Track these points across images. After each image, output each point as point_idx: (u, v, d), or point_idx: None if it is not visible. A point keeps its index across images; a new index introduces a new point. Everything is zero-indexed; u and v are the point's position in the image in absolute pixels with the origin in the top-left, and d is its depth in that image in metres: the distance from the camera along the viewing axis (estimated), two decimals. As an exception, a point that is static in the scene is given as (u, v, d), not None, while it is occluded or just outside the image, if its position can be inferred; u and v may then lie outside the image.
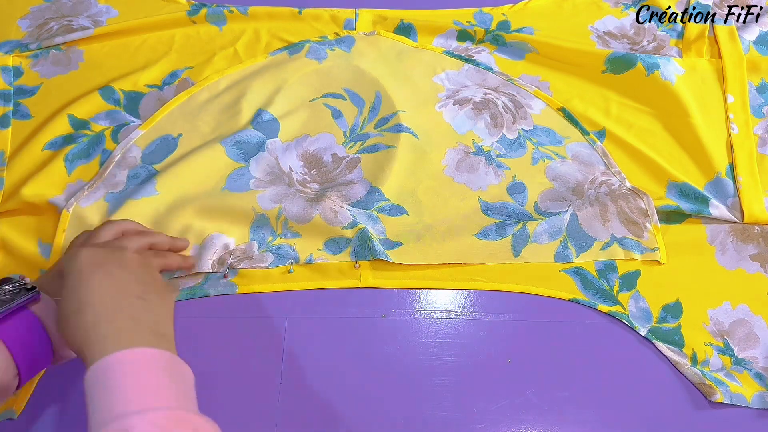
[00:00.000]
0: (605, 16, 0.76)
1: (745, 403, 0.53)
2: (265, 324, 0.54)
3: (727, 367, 0.55)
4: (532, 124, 0.67)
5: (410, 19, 0.74)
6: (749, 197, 0.62)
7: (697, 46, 0.72)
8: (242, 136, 0.63)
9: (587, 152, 0.65)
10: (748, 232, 0.61)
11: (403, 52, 0.72)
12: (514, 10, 0.76)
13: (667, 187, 0.63)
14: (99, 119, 0.66)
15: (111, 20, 0.73)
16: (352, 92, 0.68)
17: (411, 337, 0.56)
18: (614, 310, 0.57)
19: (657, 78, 0.68)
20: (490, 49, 0.73)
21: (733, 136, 0.66)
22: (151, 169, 0.62)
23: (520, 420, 0.52)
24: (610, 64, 0.70)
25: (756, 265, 0.60)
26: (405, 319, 0.56)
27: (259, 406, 0.52)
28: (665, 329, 0.56)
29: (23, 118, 0.66)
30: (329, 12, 0.75)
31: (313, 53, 0.71)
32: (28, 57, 0.70)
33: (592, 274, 0.59)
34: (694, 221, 0.62)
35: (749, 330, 0.57)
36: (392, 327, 0.56)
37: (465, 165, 0.64)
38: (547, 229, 0.60)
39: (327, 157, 0.64)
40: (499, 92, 0.69)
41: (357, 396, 0.53)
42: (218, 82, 0.69)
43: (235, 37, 0.73)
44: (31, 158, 0.62)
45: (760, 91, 0.70)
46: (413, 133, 0.65)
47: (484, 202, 0.62)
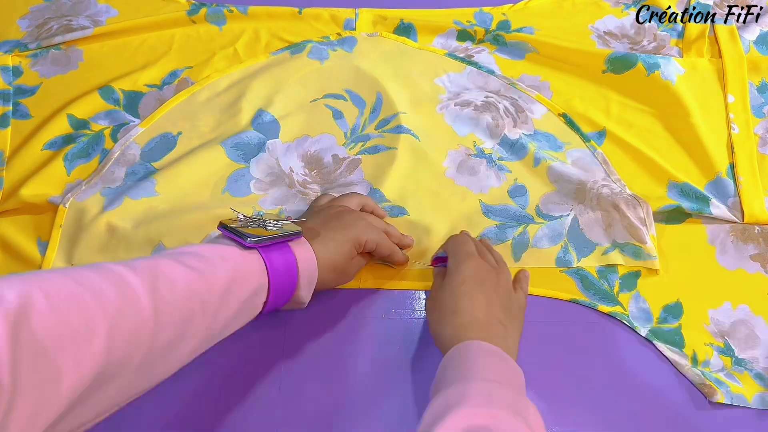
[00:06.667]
0: (605, 15, 0.76)
1: (745, 403, 0.53)
2: (265, 324, 0.54)
3: (727, 368, 0.55)
4: (532, 129, 0.67)
5: (410, 18, 0.74)
6: (750, 197, 0.62)
7: (697, 46, 0.72)
8: (242, 137, 0.63)
9: (588, 159, 0.65)
10: (749, 232, 0.61)
11: (405, 53, 0.72)
12: (514, 9, 0.76)
13: (667, 187, 0.63)
14: (98, 119, 0.66)
15: (111, 20, 0.73)
16: (353, 93, 0.68)
17: (411, 337, 0.55)
18: (614, 310, 0.57)
19: (657, 78, 0.68)
20: (491, 49, 0.73)
21: (733, 136, 0.66)
22: (149, 167, 0.62)
23: (520, 420, 0.52)
24: (610, 63, 0.70)
25: (756, 265, 0.60)
26: (405, 319, 0.56)
27: (259, 406, 0.52)
28: (666, 330, 0.56)
29: (23, 117, 0.66)
30: (329, 12, 0.75)
31: (314, 53, 0.71)
32: (27, 57, 0.70)
33: (592, 274, 0.59)
34: (695, 221, 0.62)
35: (750, 330, 0.57)
36: (392, 327, 0.56)
37: (466, 167, 0.64)
38: (547, 233, 0.60)
39: (327, 158, 0.64)
40: (500, 96, 0.69)
41: (357, 396, 0.53)
42: (219, 82, 0.69)
43: (235, 37, 0.73)
44: (30, 158, 0.62)
45: (760, 90, 0.70)
46: (414, 135, 0.65)
47: (485, 205, 0.62)
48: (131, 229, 0.57)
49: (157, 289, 0.38)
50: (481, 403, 0.39)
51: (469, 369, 0.42)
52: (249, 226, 0.46)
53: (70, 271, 0.36)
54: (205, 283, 0.41)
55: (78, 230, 0.58)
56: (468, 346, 0.45)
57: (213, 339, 0.43)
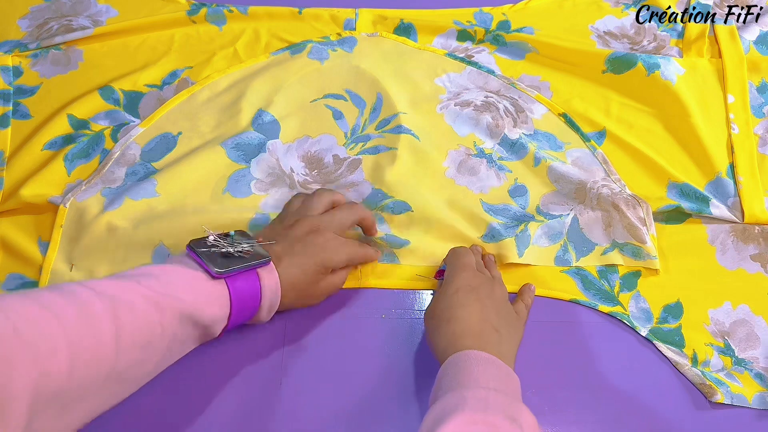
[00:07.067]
0: (605, 15, 0.76)
1: (745, 403, 0.53)
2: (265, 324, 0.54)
3: (727, 368, 0.55)
4: (532, 129, 0.67)
5: (410, 18, 0.74)
6: (750, 197, 0.62)
7: (697, 46, 0.72)
8: (243, 138, 0.63)
9: (588, 159, 0.65)
10: (749, 232, 0.61)
11: (405, 53, 0.72)
12: (514, 9, 0.76)
13: (667, 188, 0.63)
14: (99, 119, 0.66)
15: (111, 20, 0.73)
16: (353, 93, 0.68)
17: (411, 337, 0.55)
18: (615, 310, 0.57)
19: (657, 78, 0.68)
20: (490, 49, 0.73)
21: (733, 136, 0.66)
22: (149, 167, 0.62)
23: (520, 420, 0.52)
24: (610, 63, 0.70)
25: (756, 265, 0.60)
26: (405, 319, 0.56)
27: (259, 406, 0.52)
28: (666, 330, 0.56)
29: (23, 117, 0.66)
30: (329, 12, 0.75)
31: (315, 53, 0.71)
32: (27, 57, 0.70)
33: (592, 274, 0.59)
34: (695, 221, 0.62)
35: (750, 330, 0.57)
36: (392, 327, 0.56)
37: (466, 167, 0.64)
38: (547, 231, 0.60)
39: (328, 159, 0.64)
40: (500, 95, 0.69)
41: (357, 396, 0.53)
42: (219, 82, 0.69)
43: (235, 37, 0.73)
44: (30, 158, 0.62)
45: (760, 90, 0.70)
46: (414, 135, 0.65)
47: (486, 204, 0.62)
48: (131, 229, 0.57)
49: (118, 316, 0.39)
50: (477, 409, 0.39)
51: (464, 378, 0.43)
52: (218, 247, 0.47)
53: (33, 294, 0.37)
54: (167, 305, 0.42)
55: (78, 230, 0.58)
56: (464, 355, 0.45)
57: (172, 359, 0.44)
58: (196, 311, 0.43)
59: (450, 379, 0.44)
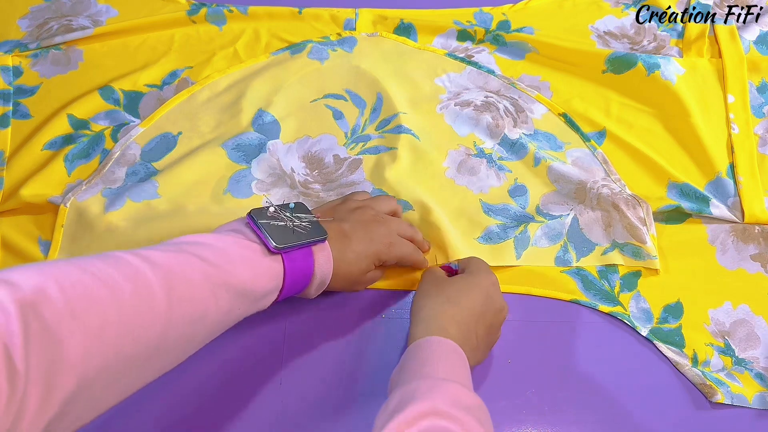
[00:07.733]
0: (605, 15, 0.76)
1: (745, 403, 0.53)
2: (265, 323, 0.54)
3: (727, 368, 0.55)
4: (532, 129, 0.67)
5: (410, 18, 0.74)
6: (750, 197, 0.62)
7: (697, 46, 0.72)
8: (243, 138, 0.63)
9: (588, 159, 0.65)
10: (749, 232, 0.61)
11: (405, 53, 0.72)
12: (514, 9, 0.76)
13: (667, 188, 0.63)
14: (99, 119, 0.66)
15: (111, 20, 0.73)
16: (353, 93, 0.68)
17: (411, 337, 0.55)
18: (615, 310, 0.57)
19: (657, 78, 0.68)
20: (490, 49, 0.73)
21: (733, 135, 0.66)
22: (150, 167, 0.62)
23: (520, 420, 0.52)
24: (610, 63, 0.70)
25: (757, 265, 0.60)
26: (405, 319, 0.56)
27: (259, 406, 0.52)
28: (666, 330, 0.56)
29: (23, 117, 0.66)
30: (329, 12, 0.75)
31: (315, 53, 0.71)
32: (27, 57, 0.70)
33: (593, 274, 0.59)
34: (695, 221, 0.62)
35: (750, 330, 0.57)
36: (392, 327, 0.56)
37: (466, 167, 0.64)
38: (547, 232, 0.60)
39: (328, 159, 0.64)
40: (500, 95, 0.69)
41: (357, 396, 0.53)
42: (219, 81, 0.69)
43: (235, 37, 0.73)
44: (30, 158, 0.62)
45: (760, 90, 0.70)
46: (414, 135, 0.65)
47: (486, 204, 0.62)
48: (132, 229, 0.57)
49: (172, 291, 0.38)
50: (447, 403, 0.39)
51: (430, 365, 0.43)
52: (277, 220, 0.47)
53: (87, 264, 0.36)
54: (221, 281, 0.41)
55: (79, 230, 0.58)
56: (429, 342, 0.45)
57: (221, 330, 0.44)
58: (249, 286, 0.43)
59: (413, 364, 0.43)
